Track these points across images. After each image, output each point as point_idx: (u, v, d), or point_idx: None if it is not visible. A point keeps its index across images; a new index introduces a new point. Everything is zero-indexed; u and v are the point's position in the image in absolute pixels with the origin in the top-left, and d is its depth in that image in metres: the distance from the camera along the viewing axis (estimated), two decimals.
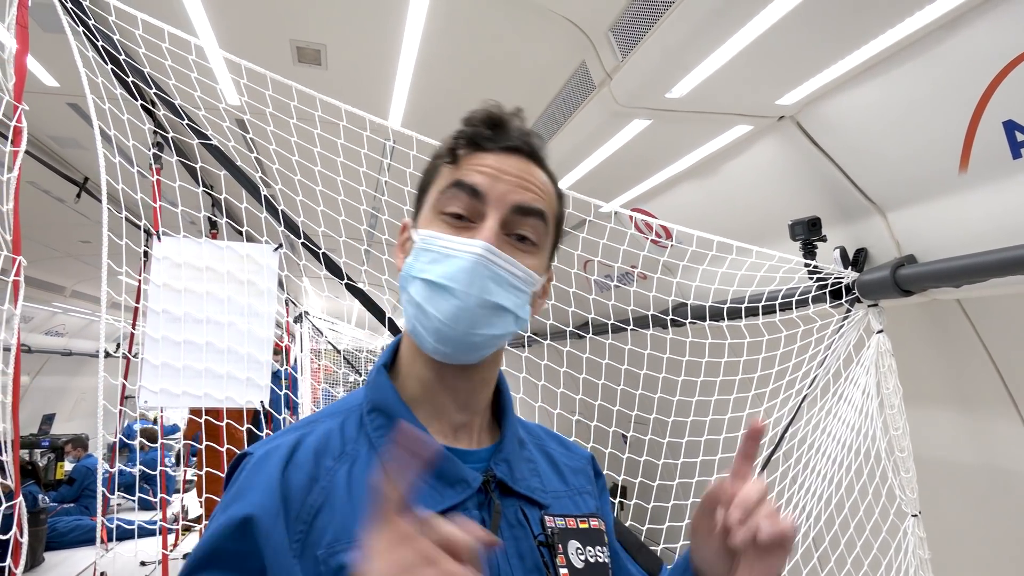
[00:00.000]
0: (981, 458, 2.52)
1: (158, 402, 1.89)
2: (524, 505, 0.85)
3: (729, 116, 2.39)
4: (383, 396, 0.84)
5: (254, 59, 1.99)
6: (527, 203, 0.81)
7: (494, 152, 0.82)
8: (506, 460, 0.86)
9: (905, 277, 2.20)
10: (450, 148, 0.83)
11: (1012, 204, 1.96)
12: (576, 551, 0.85)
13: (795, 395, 2.39)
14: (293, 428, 0.84)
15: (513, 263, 0.80)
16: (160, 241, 1.95)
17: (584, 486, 0.97)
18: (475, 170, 0.81)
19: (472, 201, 0.80)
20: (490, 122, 0.83)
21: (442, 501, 0.78)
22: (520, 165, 0.82)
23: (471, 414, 0.87)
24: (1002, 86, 1.81)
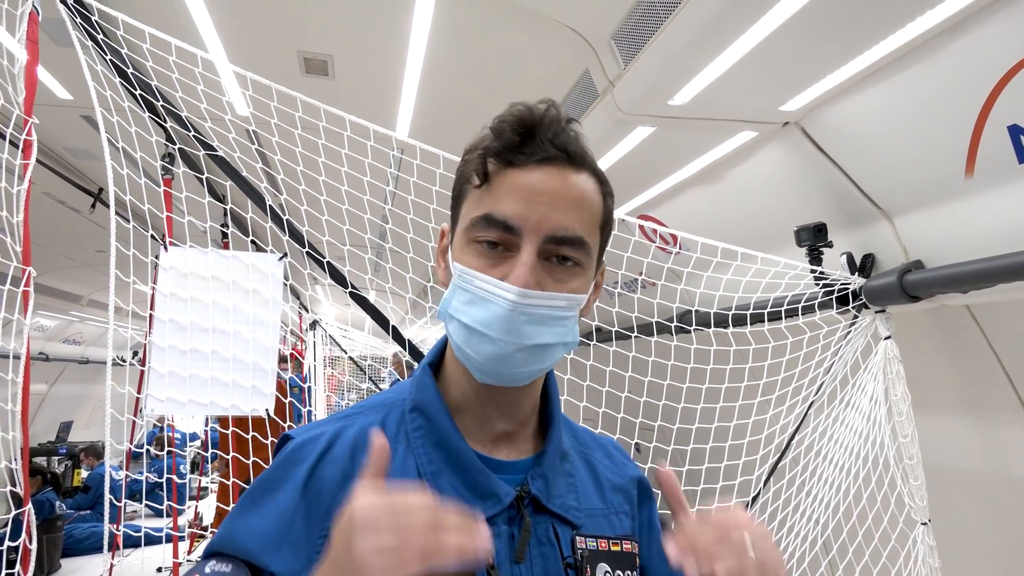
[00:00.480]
0: (992, 465, 2.49)
1: (164, 410, 1.92)
2: (556, 523, 0.83)
3: (733, 122, 2.39)
4: (426, 398, 0.84)
5: (262, 70, 2.02)
6: (563, 232, 0.75)
7: (527, 167, 0.75)
8: (543, 475, 0.84)
9: (912, 283, 2.18)
10: (479, 169, 0.77)
11: (1018, 208, 1.94)
12: (604, 574, 0.83)
13: (802, 402, 2.38)
14: (335, 418, 0.85)
15: (552, 297, 0.76)
16: (167, 250, 1.98)
17: (622, 505, 0.94)
18: (507, 197, 0.75)
19: (505, 234, 0.75)
20: (521, 130, 0.75)
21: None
22: (557, 180, 0.75)
23: (516, 423, 0.86)
24: (1006, 90, 1.80)
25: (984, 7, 1.70)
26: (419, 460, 0.79)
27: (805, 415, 2.38)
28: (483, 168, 0.76)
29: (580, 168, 0.78)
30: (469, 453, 0.80)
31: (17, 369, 1.75)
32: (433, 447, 0.80)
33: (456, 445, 0.80)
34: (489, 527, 0.73)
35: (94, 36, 1.97)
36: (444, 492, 0.77)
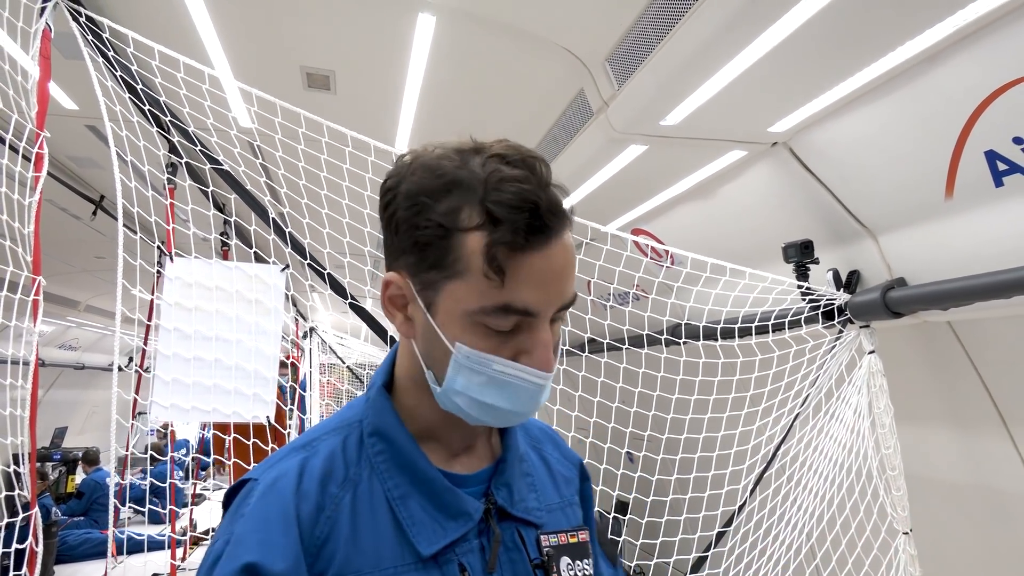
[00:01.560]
0: (971, 477, 2.56)
1: (169, 416, 1.97)
2: (520, 527, 0.84)
3: (723, 142, 2.47)
4: (384, 423, 0.82)
5: (265, 85, 2.07)
6: (570, 299, 0.75)
7: (541, 250, 0.70)
8: (507, 484, 0.86)
9: (895, 300, 2.26)
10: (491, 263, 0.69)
11: (995, 230, 2.02)
12: (567, 567, 0.85)
13: (788, 413, 2.45)
14: (294, 448, 0.81)
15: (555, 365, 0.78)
16: (172, 261, 2.04)
17: (572, 497, 0.97)
18: (525, 286, 0.71)
19: (523, 319, 0.73)
20: (531, 211, 0.68)
21: (445, 535, 0.77)
22: (564, 253, 0.73)
23: (474, 438, 0.88)
24: (983, 117, 1.88)
25: (962, 38, 1.79)
26: (385, 485, 0.78)
27: (791, 426, 2.45)
28: (494, 260, 0.69)
29: (568, 224, 0.74)
30: (436, 475, 0.80)
31: (26, 375, 1.81)
32: (398, 471, 0.79)
33: (422, 468, 0.80)
34: (462, 543, 0.78)
35: (105, 53, 2.03)
36: (414, 515, 0.77)
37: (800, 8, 1.69)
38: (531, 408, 0.77)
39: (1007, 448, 2.41)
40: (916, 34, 1.78)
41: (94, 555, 6.23)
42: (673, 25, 1.91)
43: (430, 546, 0.76)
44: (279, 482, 0.75)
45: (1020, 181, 1.89)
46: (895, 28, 1.78)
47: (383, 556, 0.74)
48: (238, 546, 0.71)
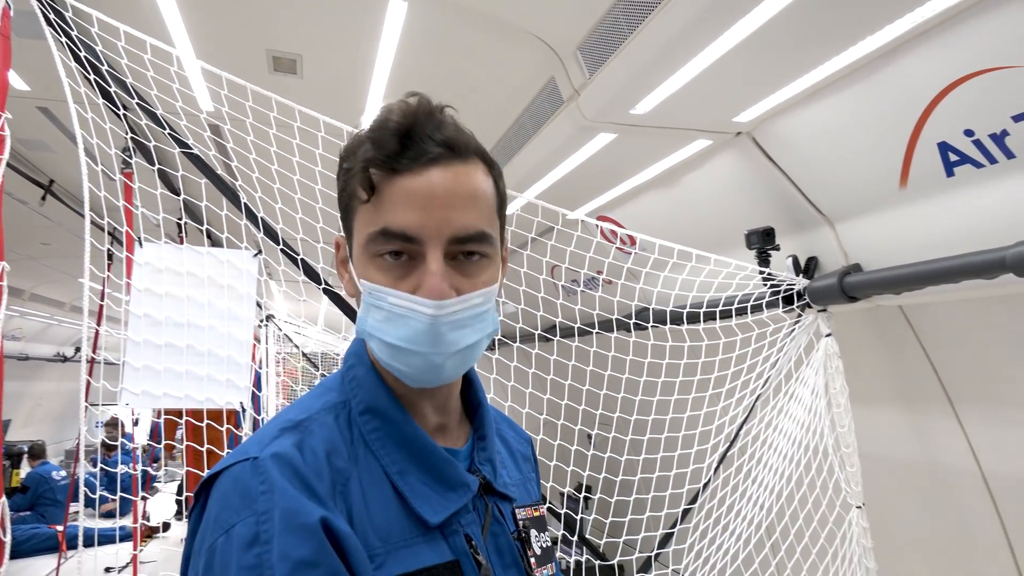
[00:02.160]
0: (920, 453, 2.70)
1: (140, 404, 1.94)
2: (499, 501, 0.87)
3: (690, 131, 2.53)
4: (378, 398, 0.81)
5: (230, 68, 2.04)
6: (465, 231, 0.74)
7: (415, 172, 0.73)
8: (489, 460, 0.88)
9: (851, 284, 2.36)
10: (364, 183, 0.74)
11: (947, 218, 2.12)
12: (536, 539, 0.89)
13: (750, 395, 2.54)
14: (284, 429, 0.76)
15: (468, 299, 0.76)
16: (142, 247, 2.00)
17: (530, 473, 1.01)
18: (401, 207, 0.73)
19: (407, 244, 0.74)
20: (401, 134, 0.72)
21: (447, 506, 0.78)
22: (448, 178, 0.74)
23: (447, 415, 0.88)
24: (937, 110, 1.97)
25: (920, 34, 1.87)
26: (383, 462, 0.78)
27: (752, 407, 2.54)
28: (368, 181, 0.74)
29: (467, 159, 0.76)
30: (435, 447, 0.81)
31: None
32: (395, 446, 0.79)
33: (421, 441, 0.80)
34: (465, 515, 0.80)
35: (68, 32, 1.98)
36: (416, 488, 0.78)
37: (770, 1, 1.75)
38: (431, 345, 0.74)
39: (952, 426, 2.55)
40: (877, 29, 1.86)
41: (42, 550, 6.07)
42: (646, 15, 1.95)
43: (436, 515, 0.77)
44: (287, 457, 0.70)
45: (970, 172, 1.99)
46: (857, 23, 1.86)
47: (392, 530, 0.74)
48: (294, 513, 0.66)
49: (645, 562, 2.66)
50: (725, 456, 2.55)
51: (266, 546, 0.64)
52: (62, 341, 10.42)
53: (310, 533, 0.65)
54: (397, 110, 0.74)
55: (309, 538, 0.65)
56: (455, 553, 0.77)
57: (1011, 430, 2.39)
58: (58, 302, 8.78)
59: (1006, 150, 1.89)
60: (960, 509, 2.61)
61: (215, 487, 0.70)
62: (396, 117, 0.73)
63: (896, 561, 2.75)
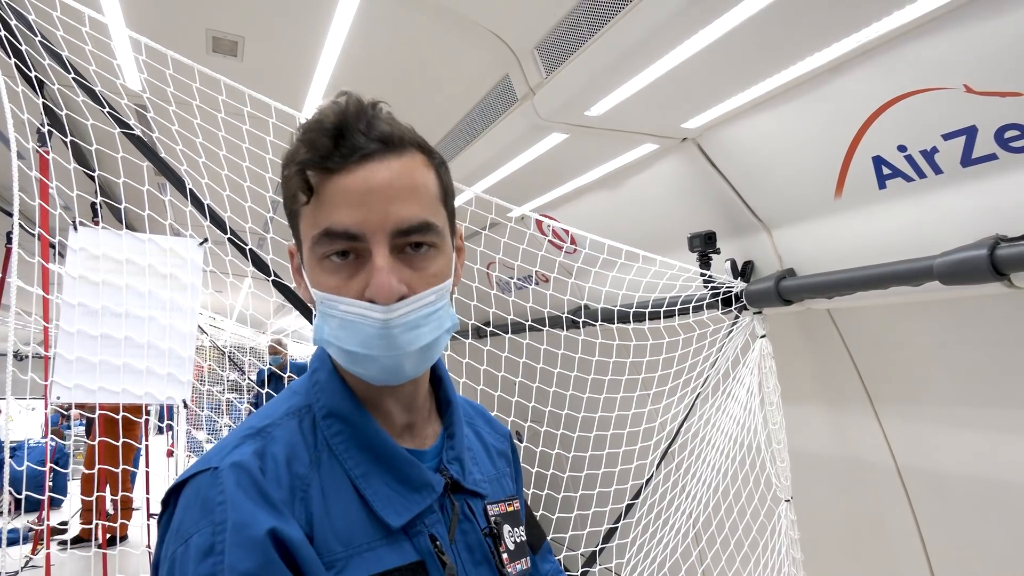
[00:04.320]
0: (843, 450, 2.87)
1: (72, 398, 1.83)
2: (469, 499, 0.87)
3: (639, 135, 2.59)
4: (340, 402, 0.81)
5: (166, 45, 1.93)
6: (408, 223, 0.73)
7: (349, 169, 0.72)
8: (458, 459, 0.88)
9: (787, 288, 2.47)
10: (302, 185, 0.73)
11: (878, 228, 2.26)
12: (508, 534, 0.90)
13: (690, 393, 2.63)
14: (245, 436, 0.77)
15: (419, 299, 0.75)
16: (77, 231, 1.88)
17: (504, 469, 1.01)
18: (339, 206, 0.72)
19: (350, 243, 0.73)
20: (333, 134, 0.72)
21: (410, 508, 0.78)
22: (384, 172, 0.73)
23: (415, 414, 0.87)
24: (874, 125, 2.09)
25: (864, 52, 1.97)
26: (346, 465, 0.78)
27: (692, 405, 2.63)
28: (305, 183, 0.73)
29: (403, 151, 0.75)
30: (398, 449, 0.80)
31: None
32: (358, 450, 0.79)
33: (384, 443, 0.80)
34: (429, 515, 0.80)
35: None
36: (379, 491, 0.78)
37: (729, 15, 1.81)
38: (385, 349, 0.74)
39: (871, 423, 2.72)
40: (824, 46, 1.95)
41: None
42: (609, 19, 1.98)
43: (399, 518, 0.77)
44: (245, 467, 0.71)
45: (900, 184, 2.12)
46: (806, 39, 1.94)
47: (355, 534, 0.74)
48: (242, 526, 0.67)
49: (589, 557, 2.71)
50: (667, 452, 2.63)
51: (220, 556, 0.66)
52: None
53: (256, 546, 0.66)
54: (329, 110, 0.73)
55: (254, 551, 0.66)
56: (419, 554, 0.77)
57: (924, 427, 2.57)
58: None
59: (935, 166, 2.03)
60: (877, 501, 2.79)
61: (181, 496, 0.72)
62: (327, 117, 0.72)
63: (819, 552, 2.90)
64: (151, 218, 2.02)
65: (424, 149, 0.79)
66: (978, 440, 2.40)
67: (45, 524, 2.78)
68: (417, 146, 0.78)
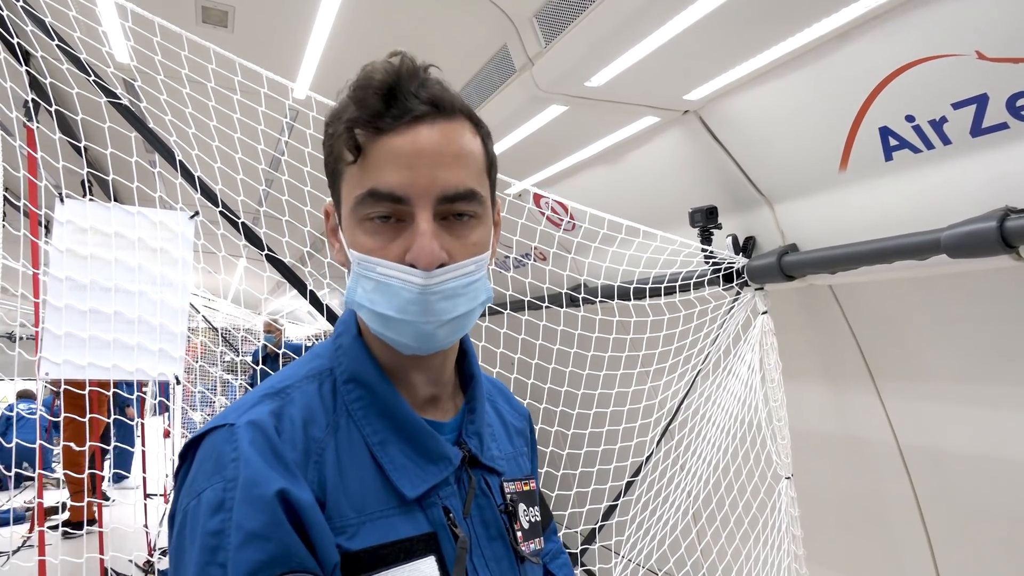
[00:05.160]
0: (844, 427, 2.85)
1: (61, 374, 1.79)
2: (487, 475, 0.86)
3: (640, 107, 2.53)
4: (363, 369, 0.80)
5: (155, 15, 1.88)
6: (454, 189, 0.72)
7: (399, 131, 0.71)
8: (477, 433, 0.87)
9: (789, 264, 2.43)
10: (349, 144, 0.72)
11: (884, 201, 2.22)
12: (524, 513, 0.89)
13: (691, 370, 2.60)
14: (265, 395, 0.76)
15: (459, 267, 0.74)
16: (63, 203, 1.83)
17: (522, 448, 1.00)
18: (387, 167, 0.71)
19: (395, 206, 0.72)
20: (384, 93, 0.70)
21: (426, 479, 0.77)
22: (434, 136, 0.72)
23: (440, 387, 0.86)
24: (881, 95, 2.04)
25: (871, 19, 1.92)
26: (364, 432, 0.77)
27: (693, 382, 2.60)
28: (353, 142, 0.72)
29: (453, 117, 0.74)
30: (417, 419, 0.80)
31: None
32: (377, 417, 0.78)
33: (403, 412, 0.79)
34: (445, 487, 0.79)
35: None
36: (395, 459, 0.77)
37: None
38: (421, 315, 0.73)
39: (873, 401, 2.70)
40: (831, 12, 1.90)
41: None
42: None
43: (414, 489, 0.76)
44: (261, 426, 0.71)
45: (908, 156, 2.08)
46: (812, 5, 1.89)
47: (368, 501, 0.74)
48: (253, 484, 0.66)
49: (589, 534, 2.70)
50: (667, 430, 2.60)
51: (229, 513, 0.65)
52: None
53: (264, 505, 0.65)
54: (380, 68, 0.71)
55: (263, 510, 0.65)
56: (432, 525, 0.77)
57: (925, 404, 2.55)
58: None
59: (943, 136, 1.98)
60: (878, 479, 2.78)
61: (198, 451, 0.72)
62: (379, 75, 0.71)
63: (819, 529, 2.89)
64: (140, 191, 1.96)
65: (472, 117, 0.78)
66: (980, 417, 2.38)
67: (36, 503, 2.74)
68: (466, 113, 0.77)
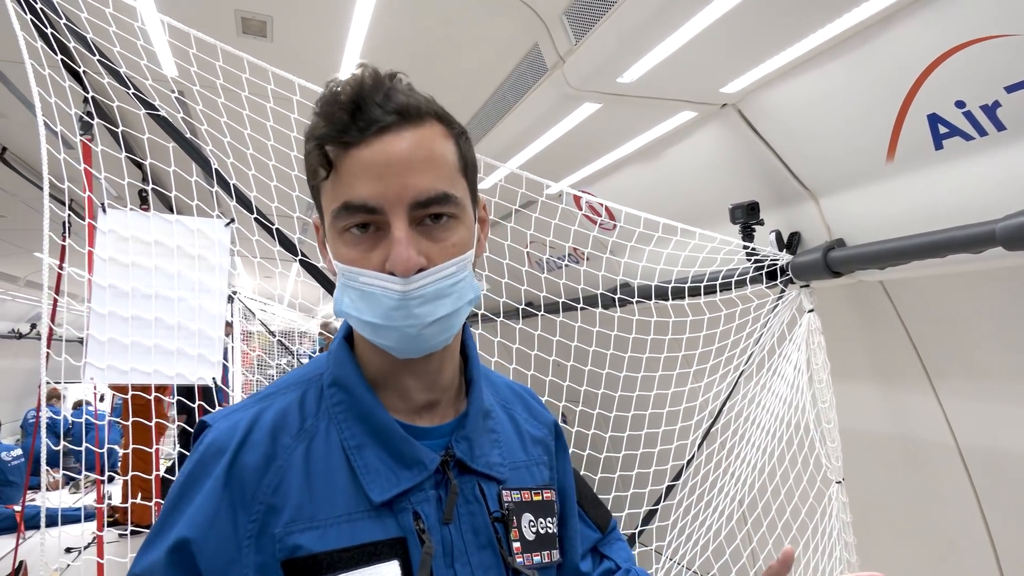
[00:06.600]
0: (899, 429, 2.72)
1: (105, 379, 1.84)
2: (482, 481, 0.85)
3: (675, 102, 2.48)
4: (344, 373, 0.83)
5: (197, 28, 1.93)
6: (426, 195, 0.73)
7: (367, 143, 0.72)
8: (467, 438, 0.86)
9: (835, 260, 2.34)
10: (320, 160, 0.74)
11: (933, 192, 2.11)
12: (529, 523, 0.88)
13: (733, 371, 2.52)
14: (254, 400, 0.83)
15: (439, 271, 0.75)
16: (105, 213, 1.89)
17: (541, 456, 0.97)
18: (358, 179, 0.72)
19: (370, 216, 0.73)
20: (349, 108, 0.72)
21: (398, 483, 0.78)
22: (401, 144, 0.73)
23: (438, 392, 0.86)
24: (928, 81, 1.94)
25: (910, 3, 1.83)
26: (342, 435, 0.80)
27: (736, 383, 2.53)
28: (324, 158, 0.74)
29: (421, 122, 0.75)
30: (391, 423, 0.80)
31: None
32: (355, 421, 0.80)
33: (378, 417, 0.80)
34: (418, 493, 0.80)
35: None
36: (369, 463, 0.78)
37: None
38: (404, 319, 0.74)
39: (930, 401, 2.57)
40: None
41: (2, 530, 5.90)
42: None
43: (382, 493, 0.77)
44: (224, 433, 0.78)
45: (959, 144, 1.97)
46: None
47: (337, 503, 0.76)
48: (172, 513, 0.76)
49: (628, 539, 2.65)
50: (708, 433, 2.54)
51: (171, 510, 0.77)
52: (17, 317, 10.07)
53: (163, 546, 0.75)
54: (345, 83, 0.73)
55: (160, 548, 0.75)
56: (402, 531, 0.77)
57: (987, 404, 2.41)
58: (12, 276, 8.46)
59: (997, 122, 1.87)
60: (936, 483, 2.64)
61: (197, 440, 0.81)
62: (345, 90, 0.73)
63: (873, 535, 2.78)
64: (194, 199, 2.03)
65: (443, 119, 0.79)
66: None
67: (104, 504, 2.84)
68: (435, 116, 0.77)
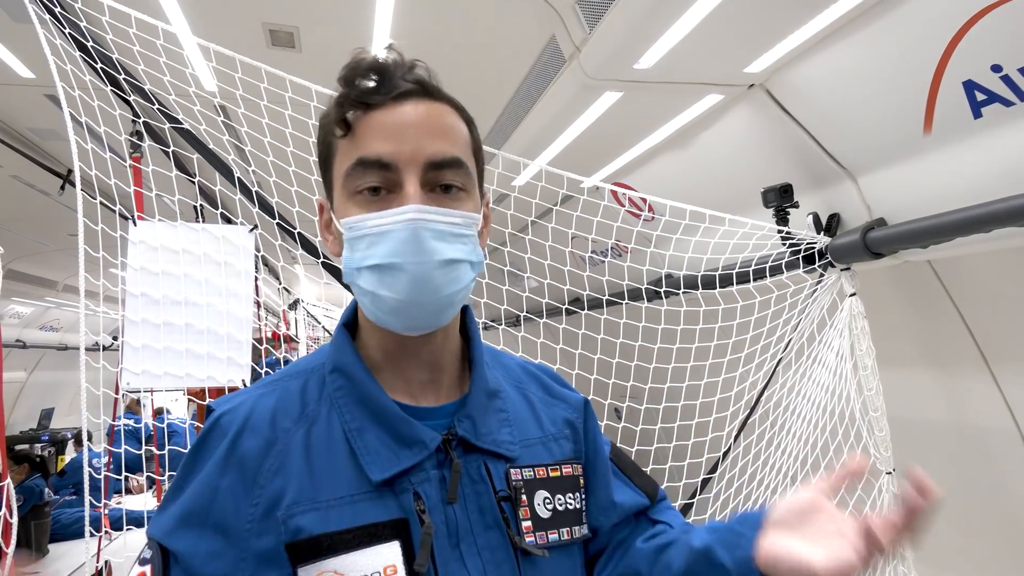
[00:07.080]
0: (953, 415, 2.57)
1: (140, 383, 1.93)
2: (488, 460, 0.84)
3: (699, 86, 2.41)
4: (344, 359, 0.84)
5: (227, 43, 1.99)
6: (441, 156, 0.76)
7: (386, 106, 0.76)
8: (470, 416, 0.85)
9: (875, 240, 2.23)
10: (340, 119, 0.77)
11: (975, 163, 1.99)
12: (544, 501, 0.86)
13: (770, 359, 2.44)
14: (258, 385, 0.85)
15: (449, 213, 0.77)
16: (136, 225, 1.97)
17: (562, 431, 0.95)
18: (375, 137, 0.75)
19: (384, 173, 0.75)
20: (372, 72, 0.76)
21: (398, 463, 0.78)
22: (419, 110, 0.76)
23: (438, 372, 0.87)
24: (961, 45, 1.83)
25: None
26: (343, 419, 0.80)
27: (774, 372, 2.44)
28: (342, 118, 0.76)
29: (438, 99, 0.79)
30: (390, 405, 0.81)
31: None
32: (355, 404, 0.81)
33: (377, 399, 0.81)
34: (419, 473, 0.79)
35: (51, 8, 1.94)
36: (369, 445, 0.79)
37: None
38: (415, 253, 0.74)
39: (988, 386, 2.42)
40: None
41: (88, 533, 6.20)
42: None
43: (381, 472, 0.77)
44: (228, 415, 0.80)
45: (999, 111, 1.85)
46: None
47: (339, 485, 0.77)
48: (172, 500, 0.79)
49: None
50: (746, 423, 2.46)
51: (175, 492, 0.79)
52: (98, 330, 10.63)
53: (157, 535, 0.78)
54: (367, 54, 0.77)
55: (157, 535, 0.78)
56: (404, 512, 0.77)
57: None
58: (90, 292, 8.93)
59: None
60: (997, 472, 2.49)
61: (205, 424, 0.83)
62: (367, 58, 0.77)
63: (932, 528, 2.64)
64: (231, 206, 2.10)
65: (457, 106, 0.83)
66: None
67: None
68: (451, 102, 0.82)
